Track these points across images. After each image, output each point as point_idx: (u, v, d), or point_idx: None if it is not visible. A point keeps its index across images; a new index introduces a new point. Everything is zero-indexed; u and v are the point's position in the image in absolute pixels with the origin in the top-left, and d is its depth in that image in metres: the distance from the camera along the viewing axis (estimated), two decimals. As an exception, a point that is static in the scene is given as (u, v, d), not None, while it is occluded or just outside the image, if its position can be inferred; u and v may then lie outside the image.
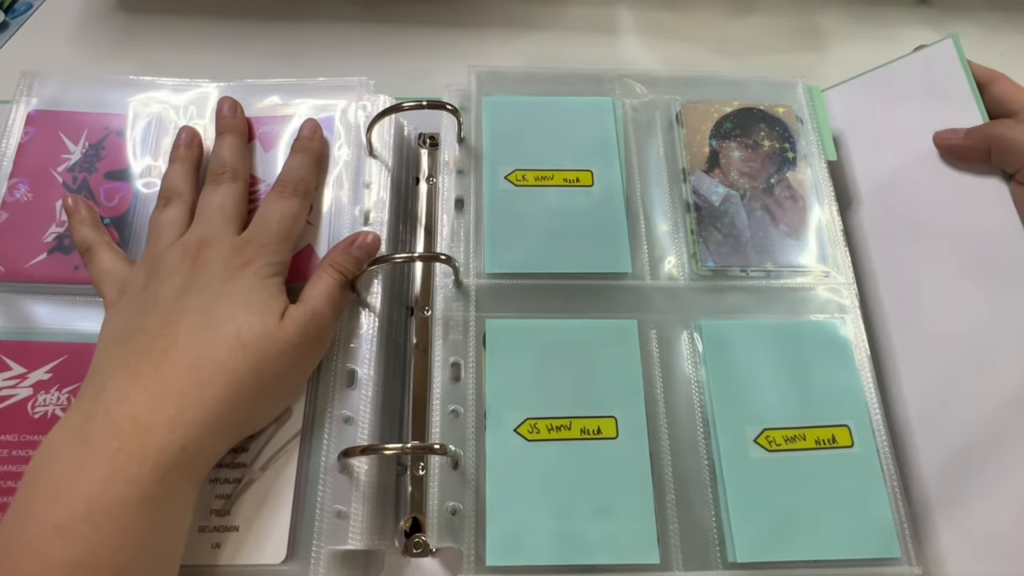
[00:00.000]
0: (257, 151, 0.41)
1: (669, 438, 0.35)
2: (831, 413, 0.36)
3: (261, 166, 0.40)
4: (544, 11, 0.55)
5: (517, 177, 0.41)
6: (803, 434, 0.35)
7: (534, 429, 0.35)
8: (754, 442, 0.35)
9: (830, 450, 0.35)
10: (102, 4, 0.54)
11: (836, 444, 0.35)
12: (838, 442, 0.35)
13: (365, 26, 0.54)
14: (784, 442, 0.35)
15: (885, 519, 0.34)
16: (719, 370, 0.37)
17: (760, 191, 0.42)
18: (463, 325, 0.37)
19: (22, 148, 0.40)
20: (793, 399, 0.36)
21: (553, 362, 0.36)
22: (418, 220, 0.43)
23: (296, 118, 0.42)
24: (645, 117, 0.44)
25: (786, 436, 0.35)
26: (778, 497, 0.34)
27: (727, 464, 0.35)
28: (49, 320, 0.37)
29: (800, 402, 0.36)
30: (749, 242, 0.40)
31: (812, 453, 0.35)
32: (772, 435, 0.35)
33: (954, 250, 0.38)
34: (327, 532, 0.32)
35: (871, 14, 0.57)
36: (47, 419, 0.34)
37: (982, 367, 0.36)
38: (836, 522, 0.34)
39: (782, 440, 0.35)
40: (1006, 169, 0.38)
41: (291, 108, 0.42)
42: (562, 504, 0.33)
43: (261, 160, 0.41)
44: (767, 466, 0.35)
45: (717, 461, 0.35)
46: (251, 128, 0.41)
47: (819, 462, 0.35)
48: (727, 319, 0.38)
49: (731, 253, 0.40)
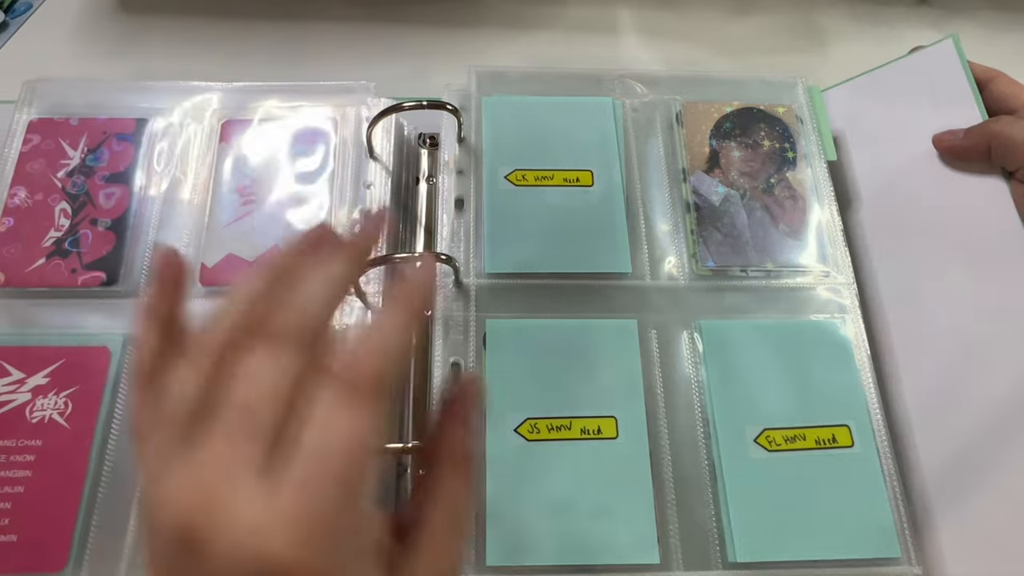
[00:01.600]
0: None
1: (669, 438, 0.35)
2: (831, 413, 0.36)
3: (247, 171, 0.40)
4: (544, 11, 0.55)
5: (517, 177, 0.41)
6: (803, 434, 0.35)
7: (534, 429, 0.35)
8: (754, 442, 0.35)
9: (830, 450, 0.35)
10: (102, 4, 0.54)
11: (836, 444, 0.35)
12: (838, 442, 0.35)
13: (365, 26, 0.53)
14: (784, 442, 0.35)
15: (885, 519, 0.34)
16: (719, 370, 0.37)
17: (760, 191, 0.42)
18: (463, 325, 0.37)
19: (23, 156, 0.40)
20: (793, 399, 0.36)
21: (553, 362, 0.36)
22: (418, 220, 0.43)
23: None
24: (645, 117, 0.44)
25: (786, 436, 0.35)
26: (778, 497, 0.34)
27: (727, 464, 0.35)
28: (47, 324, 0.37)
29: (800, 402, 0.36)
30: (749, 242, 0.40)
31: (812, 453, 0.35)
32: (772, 435, 0.35)
33: (954, 249, 0.38)
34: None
35: (871, 14, 0.57)
36: (44, 424, 0.34)
37: (982, 367, 0.36)
38: (836, 522, 0.34)
39: (782, 440, 0.35)
40: (1006, 167, 0.38)
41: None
42: (562, 504, 0.33)
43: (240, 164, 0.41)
44: (767, 466, 0.35)
45: (717, 461, 0.35)
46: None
47: (819, 462, 0.35)
48: (727, 319, 0.38)
49: (731, 253, 0.40)
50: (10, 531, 0.32)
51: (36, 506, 0.32)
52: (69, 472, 0.33)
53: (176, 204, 0.40)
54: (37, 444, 0.34)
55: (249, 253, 0.38)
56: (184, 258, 0.22)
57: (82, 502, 0.33)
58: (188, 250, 0.39)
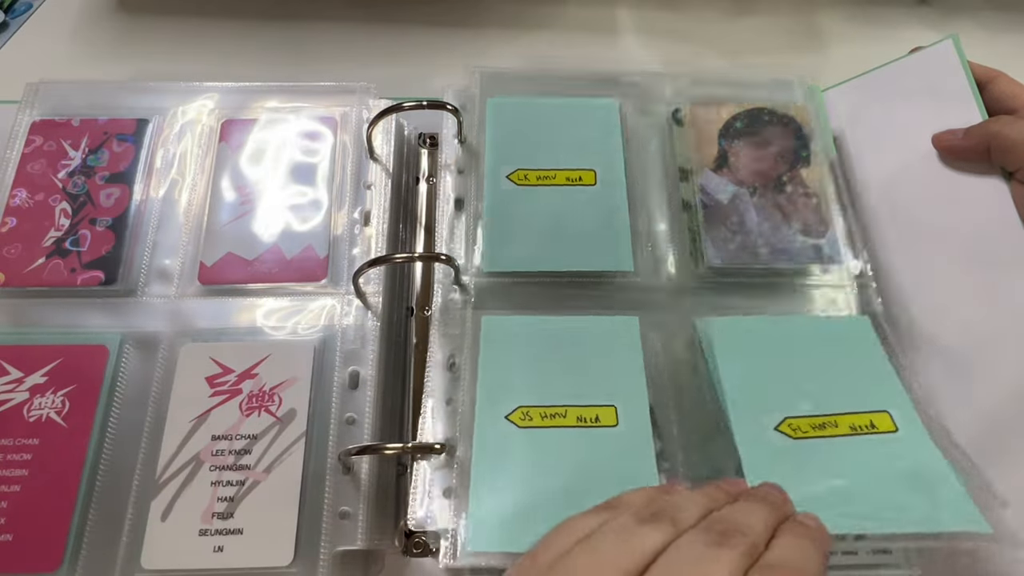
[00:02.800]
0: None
1: (678, 436, 0.35)
2: (866, 401, 0.34)
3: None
4: (544, 11, 0.55)
5: (519, 177, 0.41)
6: (834, 420, 0.34)
7: (526, 416, 0.34)
8: (775, 430, 0.34)
9: (869, 435, 0.33)
10: (102, 4, 0.54)
11: (876, 430, 0.33)
12: (878, 427, 0.34)
13: (365, 27, 0.53)
14: (812, 429, 0.34)
15: (957, 492, 0.31)
16: (724, 367, 0.36)
17: (771, 189, 0.41)
18: (463, 324, 0.37)
19: (25, 157, 0.40)
20: (817, 389, 0.35)
21: (551, 355, 0.36)
22: (418, 220, 0.43)
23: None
24: (645, 117, 0.44)
25: (812, 424, 0.34)
26: (810, 483, 0.32)
27: (748, 457, 0.33)
28: (46, 323, 0.37)
29: (826, 392, 0.35)
30: (758, 239, 0.40)
31: (849, 439, 0.33)
32: (796, 423, 0.34)
33: (954, 248, 0.38)
34: (332, 533, 0.32)
35: (871, 14, 0.57)
36: (41, 423, 0.34)
37: (981, 366, 0.36)
38: (905, 498, 0.31)
39: (808, 428, 0.34)
40: (1006, 167, 0.38)
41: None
42: (557, 491, 0.32)
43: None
44: (792, 453, 0.33)
45: (723, 455, 0.34)
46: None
47: (857, 447, 0.33)
48: (731, 316, 0.38)
49: (739, 250, 0.39)
50: (5, 531, 0.32)
51: (32, 505, 0.32)
52: (65, 471, 0.33)
53: (176, 204, 0.40)
54: (34, 443, 0.33)
55: (248, 252, 0.38)
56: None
57: (78, 502, 0.32)
58: (187, 249, 0.39)
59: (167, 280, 0.38)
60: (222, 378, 0.35)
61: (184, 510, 0.32)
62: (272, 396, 0.35)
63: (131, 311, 0.37)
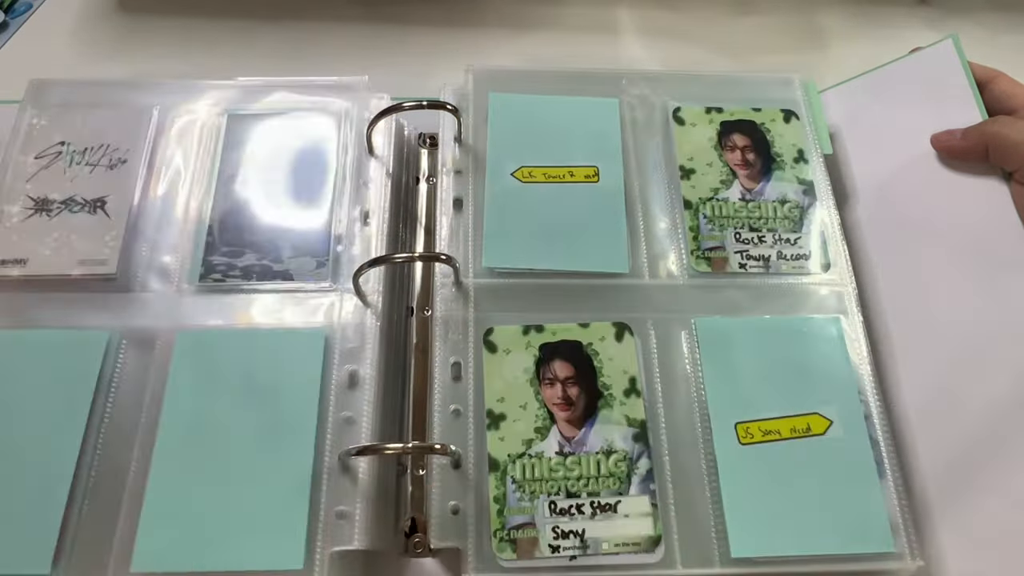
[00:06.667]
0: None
1: (667, 436, 0.35)
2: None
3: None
4: (544, 11, 0.55)
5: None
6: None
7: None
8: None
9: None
10: (102, 4, 0.54)
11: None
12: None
13: (365, 26, 0.54)
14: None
15: (878, 512, 0.33)
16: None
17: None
18: (463, 325, 0.37)
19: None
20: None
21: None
22: (418, 220, 0.43)
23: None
24: (645, 117, 0.44)
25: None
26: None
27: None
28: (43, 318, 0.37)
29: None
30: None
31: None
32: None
33: (954, 248, 0.38)
34: (331, 533, 0.32)
35: (871, 14, 0.57)
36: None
37: (982, 365, 0.36)
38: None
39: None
40: (1004, 167, 0.38)
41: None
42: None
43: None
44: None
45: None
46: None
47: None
48: (725, 316, 0.38)
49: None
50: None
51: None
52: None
53: (177, 201, 0.40)
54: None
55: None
56: None
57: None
58: (188, 246, 0.39)
59: (166, 277, 0.38)
60: (222, 378, 0.35)
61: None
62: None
63: (129, 307, 0.37)
